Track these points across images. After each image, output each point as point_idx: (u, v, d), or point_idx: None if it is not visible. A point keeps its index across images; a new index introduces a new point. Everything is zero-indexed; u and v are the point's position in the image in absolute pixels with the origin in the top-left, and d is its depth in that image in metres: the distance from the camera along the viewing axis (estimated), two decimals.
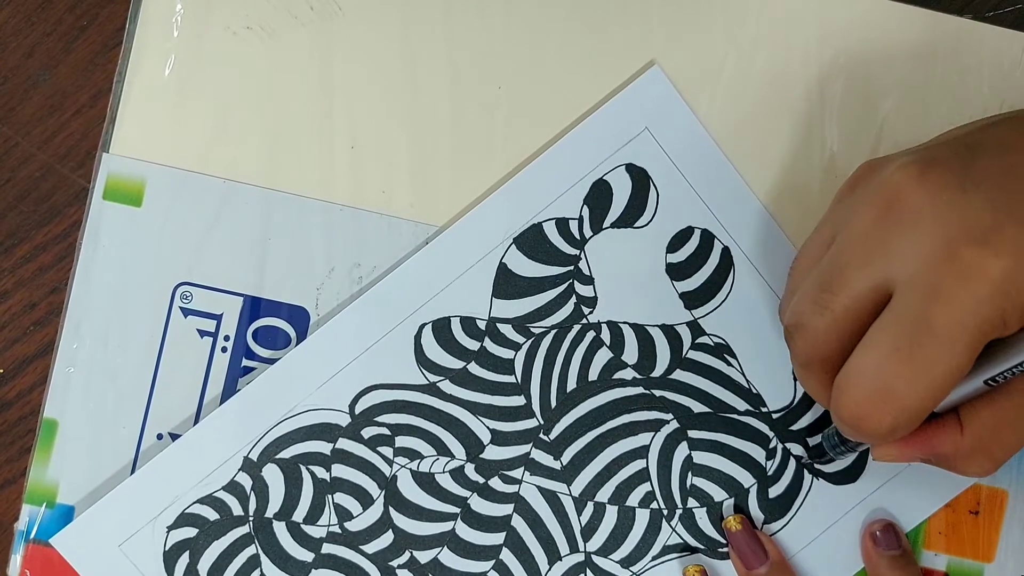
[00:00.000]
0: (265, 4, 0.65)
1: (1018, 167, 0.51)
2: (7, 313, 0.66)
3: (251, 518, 0.65)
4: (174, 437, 0.65)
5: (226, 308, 0.65)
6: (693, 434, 0.65)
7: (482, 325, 0.65)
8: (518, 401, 0.65)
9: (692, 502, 0.65)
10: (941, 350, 0.49)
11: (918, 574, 0.65)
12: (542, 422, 0.65)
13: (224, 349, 0.65)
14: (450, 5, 0.66)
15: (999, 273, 0.48)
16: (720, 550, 0.65)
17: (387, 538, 0.65)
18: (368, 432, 0.65)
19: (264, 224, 0.65)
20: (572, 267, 0.65)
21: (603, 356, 0.66)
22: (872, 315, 0.52)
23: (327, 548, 0.65)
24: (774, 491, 0.65)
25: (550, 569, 0.65)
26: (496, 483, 0.65)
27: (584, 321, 0.65)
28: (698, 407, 0.65)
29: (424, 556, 0.65)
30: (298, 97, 0.66)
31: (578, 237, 0.65)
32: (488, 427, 0.65)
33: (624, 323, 0.66)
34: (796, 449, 0.65)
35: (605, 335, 0.65)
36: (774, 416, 0.66)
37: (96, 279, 0.65)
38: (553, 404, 0.65)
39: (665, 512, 0.65)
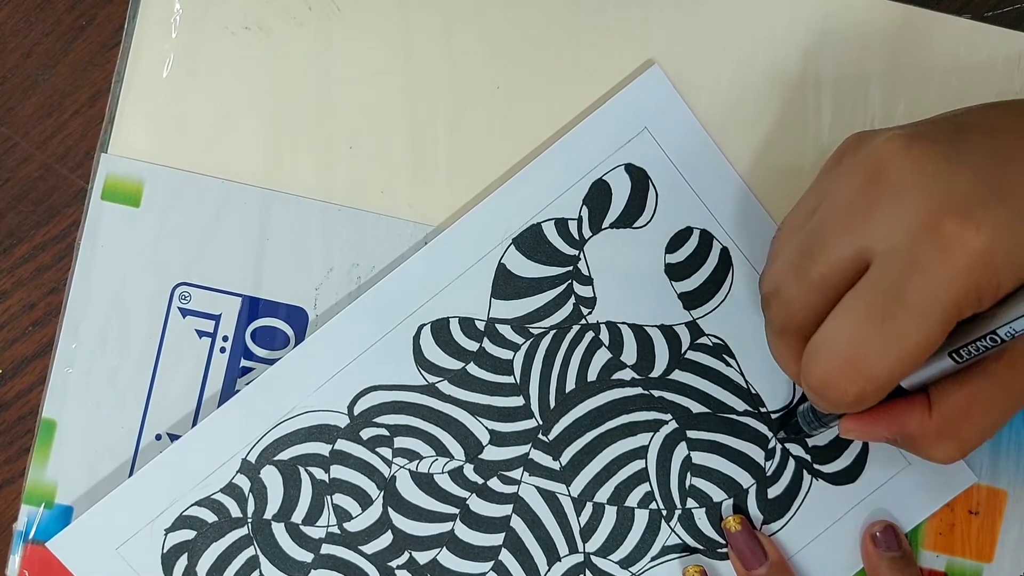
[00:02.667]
0: (263, 4, 0.65)
1: (1005, 148, 0.50)
2: (6, 313, 0.66)
3: (250, 520, 0.65)
4: (172, 437, 0.65)
5: (225, 308, 0.65)
6: (692, 434, 0.65)
7: (481, 326, 0.65)
8: (517, 402, 0.65)
9: (691, 502, 0.65)
10: (913, 322, 0.49)
11: (918, 575, 0.65)
12: (541, 423, 0.65)
13: (223, 349, 0.65)
14: (449, 5, 0.66)
15: (979, 247, 0.47)
16: (719, 551, 0.65)
17: (386, 539, 0.65)
18: (367, 433, 0.65)
19: (263, 224, 0.65)
20: (571, 267, 0.65)
21: (602, 356, 0.65)
22: (849, 284, 0.52)
23: (326, 549, 0.65)
24: (773, 491, 0.65)
25: (549, 570, 0.65)
26: (495, 484, 0.65)
27: (583, 321, 0.65)
28: (697, 407, 0.65)
29: (423, 557, 0.65)
30: (297, 97, 0.66)
31: (577, 237, 0.65)
32: (487, 428, 0.65)
33: (623, 323, 0.65)
34: (795, 449, 0.65)
35: (604, 335, 0.65)
36: (773, 416, 0.65)
37: (95, 279, 0.65)
38: (552, 405, 0.65)
39: (664, 512, 0.65)
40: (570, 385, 0.65)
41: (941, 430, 0.55)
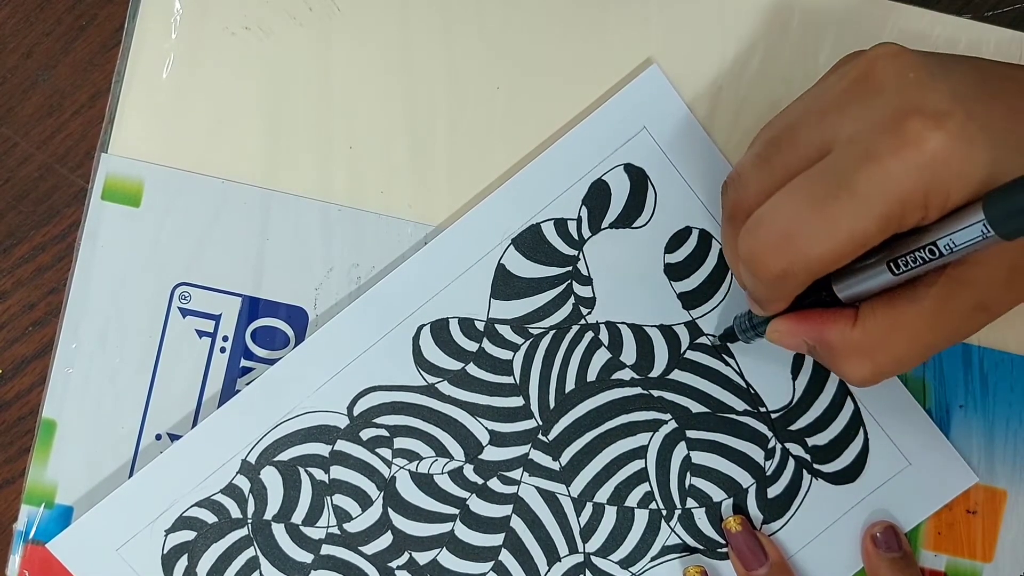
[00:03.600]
0: (263, 4, 0.65)
1: (990, 82, 0.50)
2: (6, 313, 0.66)
3: (250, 520, 0.65)
4: (172, 437, 0.65)
5: (224, 308, 0.65)
6: (691, 434, 0.65)
7: (480, 326, 0.65)
8: (517, 402, 0.65)
9: (691, 502, 0.65)
10: (853, 208, 0.48)
11: None
12: (541, 423, 0.65)
13: (223, 349, 0.65)
14: (448, 5, 0.66)
15: (935, 148, 0.47)
16: (719, 550, 0.65)
17: (386, 539, 0.65)
18: (367, 434, 0.65)
19: (262, 224, 0.65)
20: (570, 268, 0.65)
21: (601, 356, 0.65)
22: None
23: (326, 549, 0.65)
24: (773, 491, 0.65)
25: (549, 570, 0.65)
26: (495, 484, 0.65)
27: (582, 322, 0.65)
28: (696, 407, 0.65)
29: (423, 557, 0.65)
30: (296, 97, 0.66)
31: (576, 237, 0.65)
32: (487, 428, 0.65)
33: (622, 323, 0.65)
34: (795, 449, 0.65)
35: (603, 335, 0.65)
36: (773, 416, 0.65)
37: (95, 279, 0.65)
38: (552, 405, 0.65)
39: (664, 512, 0.65)
40: (570, 385, 0.65)
41: (860, 345, 0.54)
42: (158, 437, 0.65)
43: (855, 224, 0.49)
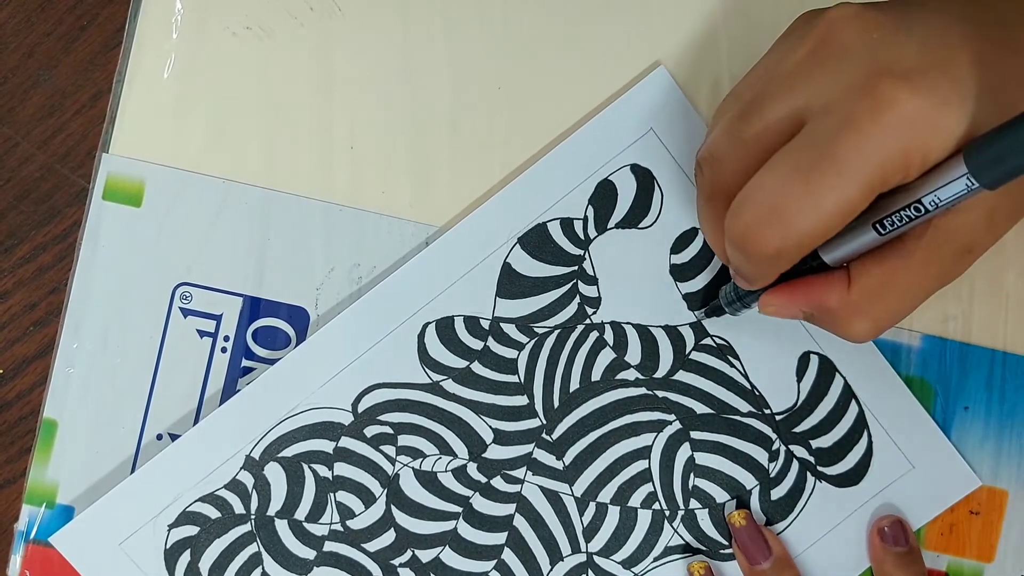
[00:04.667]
0: (265, 4, 0.65)
1: (952, 30, 0.50)
2: (7, 313, 0.66)
3: (253, 516, 0.65)
4: (173, 437, 0.65)
5: (226, 308, 0.65)
6: (695, 435, 0.65)
7: (486, 324, 0.65)
8: (521, 401, 0.65)
9: (694, 503, 0.65)
10: (838, 178, 0.48)
11: (924, 574, 0.65)
12: (545, 422, 0.65)
13: (224, 349, 0.65)
14: (449, 5, 0.65)
15: (911, 109, 0.47)
16: (722, 551, 0.65)
17: (389, 536, 0.65)
18: (371, 431, 0.65)
19: (264, 224, 0.65)
20: (576, 267, 0.65)
21: (606, 356, 0.65)
22: (782, 145, 0.51)
23: (329, 546, 0.65)
24: (776, 493, 0.65)
25: (552, 569, 0.65)
26: (498, 483, 0.65)
27: (588, 321, 0.65)
28: (701, 408, 0.65)
29: (426, 555, 0.65)
30: (298, 97, 0.65)
31: (582, 237, 0.65)
32: (491, 426, 0.65)
33: (627, 324, 0.65)
34: (799, 451, 0.65)
35: (608, 335, 0.65)
36: (777, 418, 0.65)
37: (96, 279, 0.65)
38: (556, 404, 0.65)
39: (667, 513, 0.65)
40: (574, 385, 0.65)
41: (859, 306, 0.55)
42: (159, 437, 0.65)
43: (841, 195, 0.48)
